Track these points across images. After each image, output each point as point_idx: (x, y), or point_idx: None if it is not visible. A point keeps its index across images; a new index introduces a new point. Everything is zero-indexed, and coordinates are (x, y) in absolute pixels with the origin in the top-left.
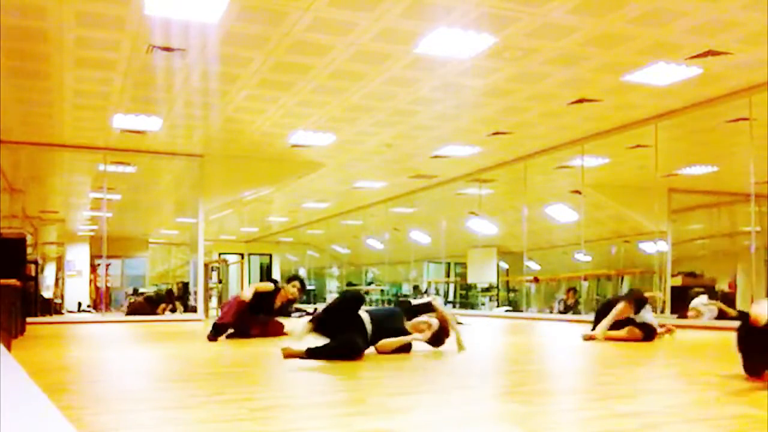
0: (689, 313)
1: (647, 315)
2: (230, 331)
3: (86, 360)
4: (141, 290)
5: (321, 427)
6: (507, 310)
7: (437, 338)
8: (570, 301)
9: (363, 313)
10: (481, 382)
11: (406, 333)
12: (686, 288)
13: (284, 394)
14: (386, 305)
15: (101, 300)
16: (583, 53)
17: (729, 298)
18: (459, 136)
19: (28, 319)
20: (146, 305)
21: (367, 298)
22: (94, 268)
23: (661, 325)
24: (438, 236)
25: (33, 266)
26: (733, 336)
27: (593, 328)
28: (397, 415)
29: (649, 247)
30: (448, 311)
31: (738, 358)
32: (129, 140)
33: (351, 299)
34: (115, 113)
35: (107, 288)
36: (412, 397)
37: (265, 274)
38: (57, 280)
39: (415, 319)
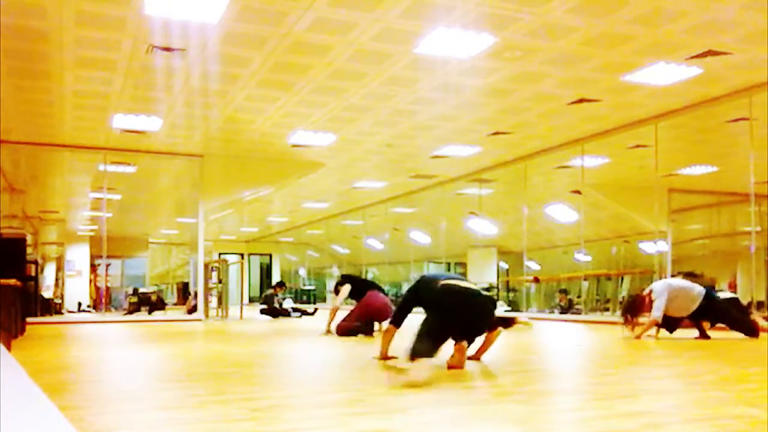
0: None
1: None
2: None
3: (86, 360)
4: (141, 290)
5: (321, 427)
6: (506, 310)
7: None
8: (563, 303)
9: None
10: (481, 382)
11: None
12: None
13: (284, 394)
14: None
15: (101, 300)
16: (583, 53)
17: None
18: (459, 136)
19: (28, 319)
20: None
21: None
22: (94, 268)
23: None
24: (438, 236)
25: (33, 266)
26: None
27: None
28: (397, 415)
29: (649, 247)
30: None
31: None
32: (129, 140)
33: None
34: (115, 113)
35: (107, 288)
36: (412, 396)
37: (265, 274)
38: (57, 280)
39: None
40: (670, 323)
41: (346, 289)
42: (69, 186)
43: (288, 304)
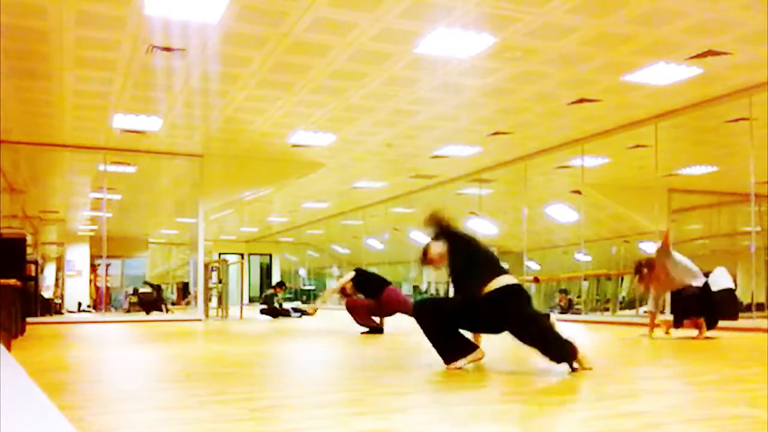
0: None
1: None
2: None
3: (86, 360)
4: (141, 290)
5: (321, 427)
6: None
7: None
8: (563, 303)
9: None
10: (481, 382)
11: None
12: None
13: (284, 394)
14: None
15: (101, 300)
16: (583, 53)
17: None
18: (459, 136)
19: (28, 319)
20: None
21: None
22: (94, 268)
23: None
24: None
25: (33, 266)
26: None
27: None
28: (397, 415)
29: (649, 247)
30: None
31: None
32: (129, 140)
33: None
34: (115, 113)
35: (107, 288)
36: (411, 396)
37: (265, 274)
38: (57, 280)
39: None
40: (685, 307)
41: (349, 275)
42: (69, 186)
43: (292, 304)
